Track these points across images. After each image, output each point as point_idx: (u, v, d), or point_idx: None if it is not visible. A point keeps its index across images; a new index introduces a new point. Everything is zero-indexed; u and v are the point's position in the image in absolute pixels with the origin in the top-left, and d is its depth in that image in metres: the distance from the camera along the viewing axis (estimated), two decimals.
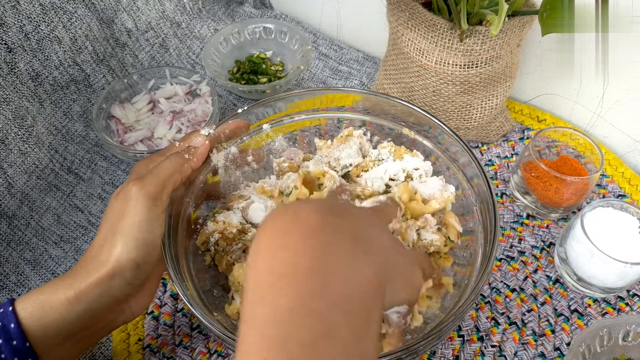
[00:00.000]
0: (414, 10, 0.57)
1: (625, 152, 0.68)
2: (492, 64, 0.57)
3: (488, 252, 0.44)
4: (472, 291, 0.42)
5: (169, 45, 0.79)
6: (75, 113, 0.69)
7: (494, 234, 0.44)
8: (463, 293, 0.44)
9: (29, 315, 0.40)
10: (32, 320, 0.40)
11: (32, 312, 0.40)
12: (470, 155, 0.49)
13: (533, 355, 0.53)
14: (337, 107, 0.55)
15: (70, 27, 0.65)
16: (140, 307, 0.45)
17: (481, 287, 0.42)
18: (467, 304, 0.41)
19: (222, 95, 0.77)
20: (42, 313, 0.40)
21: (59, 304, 0.40)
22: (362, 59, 0.81)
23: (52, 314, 0.40)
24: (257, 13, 0.87)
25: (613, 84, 0.63)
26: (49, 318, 0.40)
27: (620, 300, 0.56)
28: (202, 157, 0.47)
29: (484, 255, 0.45)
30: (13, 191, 0.62)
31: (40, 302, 0.40)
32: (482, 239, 0.47)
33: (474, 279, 0.44)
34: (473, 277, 0.44)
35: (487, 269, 0.42)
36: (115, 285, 0.41)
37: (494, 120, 0.67)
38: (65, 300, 0.40)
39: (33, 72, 0.63)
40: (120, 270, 0.41)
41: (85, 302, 0.41)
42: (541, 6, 0.50)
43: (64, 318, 0.40)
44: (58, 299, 0.40)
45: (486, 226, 0.46)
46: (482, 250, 0.46)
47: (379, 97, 0.54)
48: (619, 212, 0.54)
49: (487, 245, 0.45)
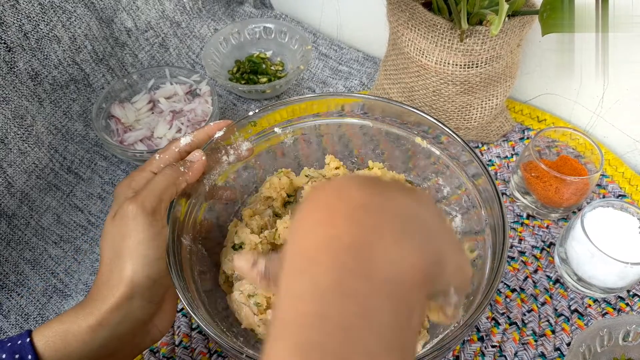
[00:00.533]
0: (414, 10, 0.57)
1: (625, 152, 0.68)
2: (492, 64, 0.57)
3: (499, 254, 0.43)
4: (485, 296, 0.41)
5: (168, 45, 0.79)
6: (75, 112, 0.69)
7: (503, 233, 0.43)
8: (474, 298, 0.43)
9: (51, 345, 0.39)
10: (54, 351, 0.39)
11: (54, 342, 0.39)
12: (472, 156, 0.49)
13: (533, 355, 0.53)
14: (338, 112, 0.55)
15: (69, 26, 0.65)
16: (165, 324, 0.44)
17: (496, 287, 0.41)
18: (479, 310, 0.40)
19: (222, 95, 0.77)
20: (65, 343, 0.39)
21: (82, 333, 0.39)
22: (362, 59, 0.81)
23: (75, 344, 0.39)
24: (257, 13, 0.87)
25: (613, 84, 0.63)
26: (72, 347, 0.39)
27: (620, 301, 0.56)
28: (198, 172, 0.46)
29: (494, 255, 0.44)
30: (13, 190, 0.61)
31: (62, 332, 0.39)
32: (490, 241, 0.46)
33: (485, 281, 0.43)
34: (484, 280, 0.43)
35: (499, 268, 0.41)
36: (135, 306, 0.40)
37: (494, 120, 0.67)
38: (88, 328, 0.39)
39: (32, 72, 0.63)
40: (137, 289, 0.40)
41: (108, 327, 0.40)
42: (541, 6, 0.50)
43: (88, 347, 0.39)
44: (80, 327, 0.39)
45: (494, 225, 0.46)
46: (492, 251, 0.45)
47: (380, 101, 0.54)
48: (619, 212, 0.54)
49: (496, 247, 0.44)
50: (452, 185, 0.53)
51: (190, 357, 0.53)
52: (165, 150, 0.47)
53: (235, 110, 0.75)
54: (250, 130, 0.52)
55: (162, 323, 0.44)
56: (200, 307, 0.43)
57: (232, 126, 0.50)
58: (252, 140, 0.53)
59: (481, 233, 0.48)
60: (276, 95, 0.76)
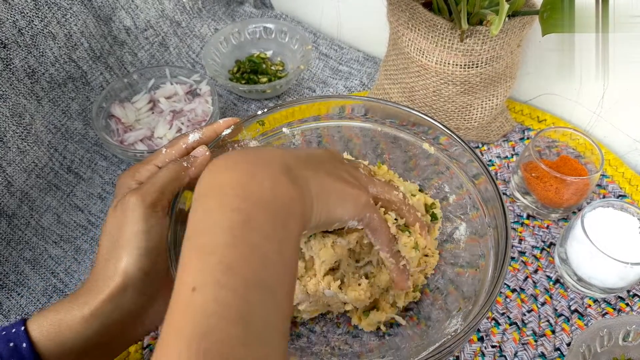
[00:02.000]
0: (414, 11, 0.57)
1: (625, 152, 0.68)
2: (492, 64, 0.57)
3: (502, 255, 0.43)
4: (488, 298, 0.41)
5: (168, 44, 0.79)
6: (74, 111, 0.69)
7: (505, 238, 0.43)
8: (477, 299, 0.43)
9: (45, 334, 0.39)
10: (48, 340, 0.39)
11: (48, 330, 0.39)
12: (473, 156, 0.48)
13: (533, 355, 0.53)
14: (338, 115, 0.55)
15: (64, 23, 0.65)
16: (160, 316, 0.44)
17: (499, 289, 0.41)
18: (482, 313, 0.40)
19: (222, 95, 0.77)
20: (59, 331, 0.39)
21: (76, 323, 0.40)
22: (362, 59, 0.81)
23: (68, 333, 0.39)
24: (258, 13, 0.87)
25: (613, 84, 0.63)
26: (65, 336, 0.39)
27: (620, 301, 0.56)
28: (202, 167, 0.46)
29: (497, 256, 0.44)
30: (12, 190, 0.61)
31: (56, 321, 0.40)
32: (492, 243, 0.46)
33: (487, 284, 0.43)
34: (487, 283, 0.43)
35: (502, 269, 0.41)
36: (128, 298, 0.41)
37: (494, 120, 0.67)
38: (82, 319, 0.40)
39: (29, 69, 0.63)
40: (130, 281, 0.40)
41: (101, 318, 0.40)
42: (541, 6, 0.50)
43: (81, 336, 0.40)
44: (74, 317, 0.40)
45: (496, 225, 0.45)
46: (494, 252, 0.45)
47: (380, 104, 0.54)
48: (619, 212, 0.54)
49: (499, 249, 0.44)
50: (453, 185, 0.53)
51: None
52: (173, 145, 0.47)
53: (236, 110, 0.75)
54: (259, 129, 0.52)
55: (156, 316, 0.44)
56: None
57: (240, 124, 0.50)
58: (259, 139, 0.53)
59: (484, 235, 0.48)
60: (276, 95, 0.76)
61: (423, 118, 0.51)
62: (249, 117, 0.52)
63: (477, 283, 0.45)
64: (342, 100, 0.55)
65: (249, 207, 0.32)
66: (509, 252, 0.43)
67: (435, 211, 0.54)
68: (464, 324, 0.41)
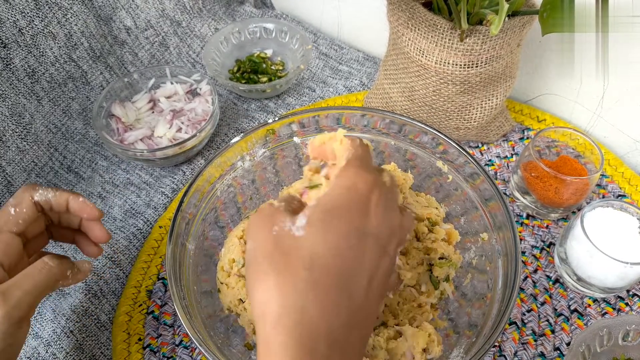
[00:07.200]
0: (414, 10, 0.57)
1: (625, 152, 0.68)
2: (492, 63, 0.57)
3: (510, 287, 0.41)
4: (502, 311, 0.40)
5: (169, 44, 0.79)
6: (74, 111, 0.69)
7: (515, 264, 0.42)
8: (481, 331, 0.42)
9: None
10: None
11: None
12: (474, 163, 0.48)
13: (533, 355, 0.53)
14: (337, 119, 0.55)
15: (65, 23, 0.65)
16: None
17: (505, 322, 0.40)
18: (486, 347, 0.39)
19: (223, 95, 0.77)
20: None
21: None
22: (362, 59, 0.81)
23: None
24: (258, 12, 0.87)
25: (613, 84, 0.63)
26: None
27: (620, 300, 0.56)
28: (79, 281, 0.45)
29: (505, 288, 0.43)
30: (12, 189, 0.61)
31: None
32: (501, 272, 0.45)
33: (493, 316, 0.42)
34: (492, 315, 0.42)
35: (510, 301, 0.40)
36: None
37: (494, 120, 0.67)
38: None
39: (29, 69, 0.63)
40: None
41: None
42: (541, 6, 0.50)
43: None
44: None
45: (506, 253, 0.45)
46: (503, 282, 0.44)
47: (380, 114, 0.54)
48: (619, 212, 0.54)
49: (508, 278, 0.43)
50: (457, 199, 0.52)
51: (191, 357, 0.53)
52: (20, 202, 0.44)
53: (236, 109, 0.75)
54: (269, 137, 0.53)
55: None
56: (197, 315, 0.43)
57: (250, 133, 0.51)
58: (270, 148, 0.53)
59: (494, 262, 0.47)
60: (276, 94, 0.76)
61: (442, 137, 0.51)
62: (259, 125, 0.52)
63: (481, 317, 0.45)
64: (339, 110, 0.55)
65: None
66: (517, 282, 0.41)
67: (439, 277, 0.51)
68: (465, 358, 0.41)
